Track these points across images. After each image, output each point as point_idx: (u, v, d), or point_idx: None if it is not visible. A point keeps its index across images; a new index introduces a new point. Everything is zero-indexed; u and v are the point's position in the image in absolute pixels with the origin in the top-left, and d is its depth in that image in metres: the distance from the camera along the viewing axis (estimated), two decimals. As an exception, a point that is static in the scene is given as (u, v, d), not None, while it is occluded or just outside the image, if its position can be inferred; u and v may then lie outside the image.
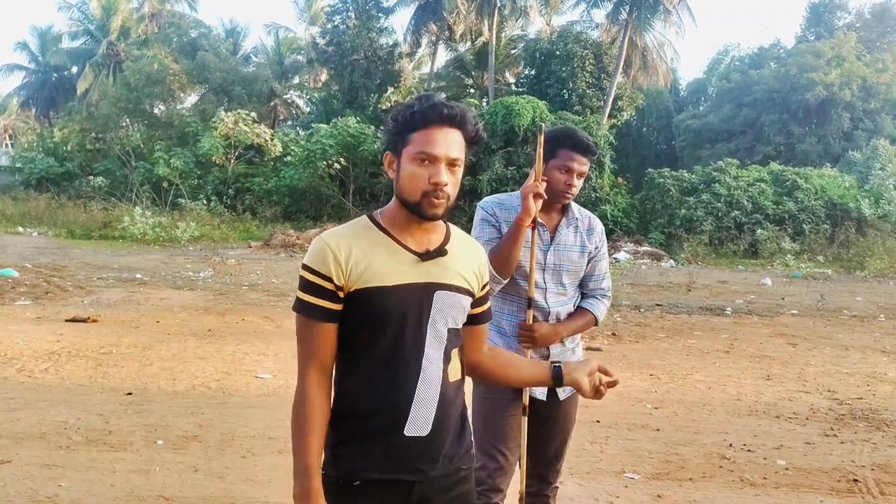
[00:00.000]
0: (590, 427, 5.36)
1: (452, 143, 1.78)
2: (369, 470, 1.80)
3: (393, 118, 1.83)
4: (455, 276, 1.87)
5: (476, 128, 1.82)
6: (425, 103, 1.78)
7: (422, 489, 1.83)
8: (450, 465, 1.88)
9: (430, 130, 1.76)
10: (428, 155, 1.76)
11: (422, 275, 1.82)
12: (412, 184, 1.78)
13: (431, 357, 1.83)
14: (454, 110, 1.78)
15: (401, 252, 1.82)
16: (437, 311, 1.83)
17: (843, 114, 29.99)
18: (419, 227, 1.84)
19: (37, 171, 29.09)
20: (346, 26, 31.14)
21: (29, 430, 4.98)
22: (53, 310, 9.66)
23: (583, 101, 28.66)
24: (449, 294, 1.85)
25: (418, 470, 1.81)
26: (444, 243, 1.88)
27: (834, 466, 4.80)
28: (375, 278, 1.78)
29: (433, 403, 1.82)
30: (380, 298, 1.78)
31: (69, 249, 17.96)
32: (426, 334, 1.82)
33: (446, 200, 1.78)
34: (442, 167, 1.76)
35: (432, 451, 1.83)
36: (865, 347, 9.08)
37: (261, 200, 26.00)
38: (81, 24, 39.48)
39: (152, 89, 29.36)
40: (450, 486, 1.88)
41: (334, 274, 1.78)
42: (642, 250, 21.79)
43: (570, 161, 2.82)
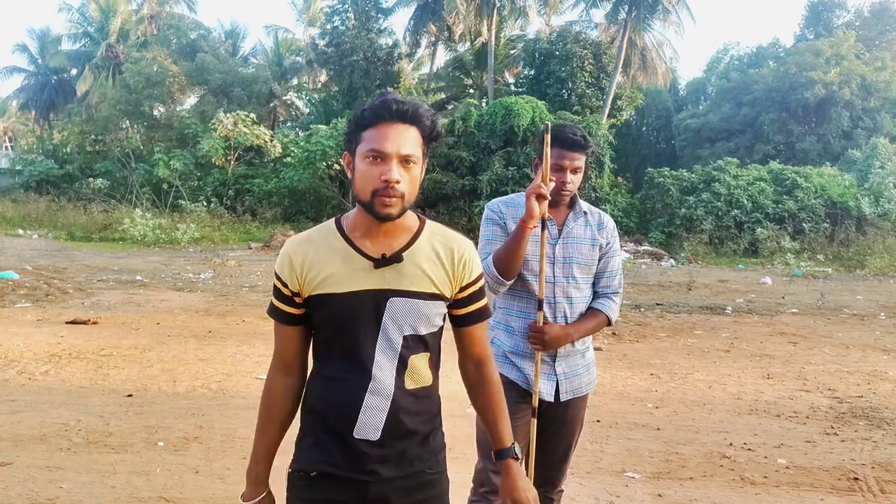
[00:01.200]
0: (590, 426, 5.35)
1: (405, 139, 1.73)
2: (325, 463, 1.83)
3: (349, 120, 1.81)
4: (414, 281, 1.81)
5: (432, 123, 1.78)
6: (377, 100, 1.75)
7: (378, 488, 1.82)
8: (410, 468, 1.85)
9: (380, 127, 1.72)
10: (378, 152, 1.71)
11: (376, 281, 1.78)
12: (364, 183, 1.74)
13: (382, 365, 1.79)
14: (405, 106, 1.73)
15: (356, 258, 1.79)
16: (390, 319, 1.80)
17: (842, 112, 29.98)
18: (381, 229, 1.80)
19: (37, 174, 29.09)
20: (345, 27, 31.15)
21: (30, 432, 4.98)
22: (54, 312, 9.66)
23: (582, 100, 28.66)
24: (405, 301, 1.80)
25: (370, 471, 1.81)
26: (405, 247, 1.82)
27: (834, 465, 4.80)
28: (328, 285, 1.79)
29: (383, 411, 1.79)
30: (332, 305, 1.79)
31: (69, 251, 17.97)
32: (377, 341, 1.79)
33: (400, 199, 1.73)
34: (393, 164, 1.71)
35: (385, 455, 1.81)
36: (866, 346, 9.08)
37: (261, 202, 26.00)
38: (81, 27, 39.47)
39: (152, 91, 29.35)
40: (413, 489, 1.85)
41: (289, 280, 1.82)
42: (642, 250, 21.80)
43: (560, 159, 2.82)
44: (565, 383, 2.87)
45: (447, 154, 23.78)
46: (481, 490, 2.86)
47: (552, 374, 2.85)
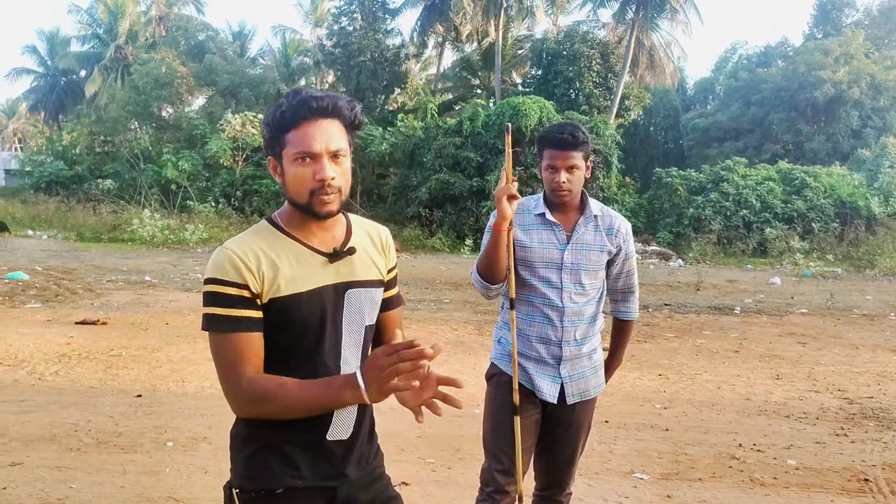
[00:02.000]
0: (598, 427, 5.34)
1: (330, 134, 1.69)
2: (293, 478, 1.74)
3: (265, 122, 1.74)
4: (365, 270, 1.82)
5: (353, 113, 1.74)
6: (293, 100, 1.69)
7: (344, 490, 1.80)
8: (367, 466, 1.86)
9: (303, 127, 1.67)
10: (307, 153, 1.67)
11: (332, 276, 1.76)
12: (298, 185, 1.70)
13: (348, 359, 1.78)
14: (324, 101, 1.69)
15: (308, 255, 1.75)
16: (352, 311, 1.79)
17: (851, 112, 29.84)
18: (319, 225, 1.77)
19: (46, 175, 29.25)
20: (352, 28, 31.20)
21: (40, 432, 5.00)
22: (63, 312, 9.71)
23: (590, 100, 28.63)
24: (361, 291, 1.80)
25: (340, 475, 1.79)
26: (347, 238, 1.82)
27: (844, 466, 4.78)
28: (286, 286, 1.70)
29: (354, 406, 1.77)
30: (294, 306, 1.70)
31: (78, 252, 18.05)
32: (342, 336, 1.78)
33: (338, 194, 1.71)
34: (325, 162, 1.67)
35: (352, 454, 1.81)
36: (876, 346, 9.03)
37: (269, 202, 26.04)
38: (89, 28, 39.67)
39: (160, 92, 29.48)
40: (370, 484, 1.87)
41: (249, 281, 1.68)
42: (650, 250, 21.75)
43: (552, 159, 2.81)
44: (571, 386, 2.86)
45: (455, 155, 23.79)
46: (487, 490, 2.86)
47: (556, 376, 2.85)
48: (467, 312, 10.87)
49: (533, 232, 2.86)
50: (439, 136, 24.50)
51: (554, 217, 2.86)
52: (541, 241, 2.84)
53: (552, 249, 2.83)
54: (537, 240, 2.84)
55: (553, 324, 2.82)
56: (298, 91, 1.72)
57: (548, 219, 2.85)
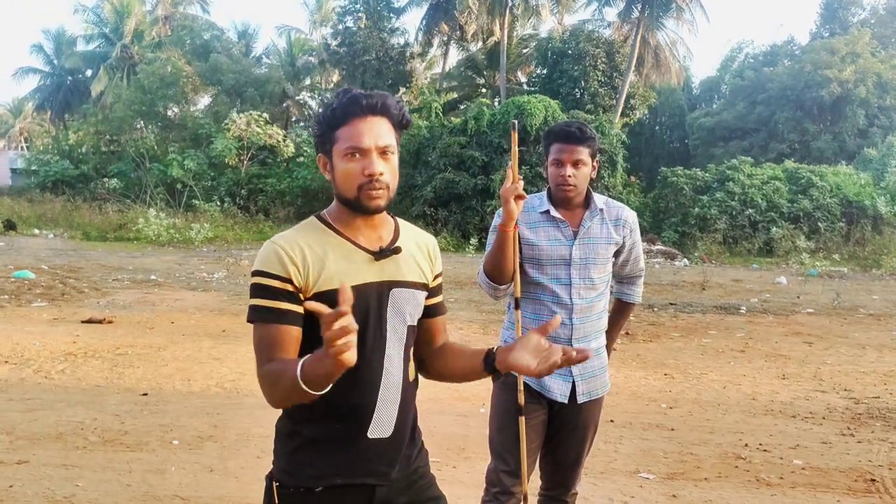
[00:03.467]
0: (604, 427, 5.32)
1: (380, 131, 1.73)
2: (333, 475, 1.75)
3: (317, 121, 1.80)
4: (409, 271, 1.84)
5: (401, 112, 1.78)
6: (344, 97, 1.74)
7: (384, 492, 1.80)
8: (408, 467, 1.86)
9: (354, 123, 1.72)
10: (357, 148, 1.71)
11: (377, 273, 1.78)
12: (347, 180, 1.73)
13: (392, 357, 1.79)
14: (373, 98, 1.73)
15: (355, 251, 1.77)
16: (396, 310, 1.80)
17: (857, 111, 29.73)
18: (366, 223, 1.80)
19: (52, 174, 29.34)
20: (357, 27, 31.22)
21: (46, 430, 5.02)
22: (69, 311, 9.74)
23: (595, 99, 28.59)
24: (405, 291, 1.82)
25: (380, 472, 1.79)
26: (394, 239, 1.84)
27: (851, 466, 4.77)
28: (331, 281, 1.71)
29: (395, 404, 1.79)
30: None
31: (84, 251, 18.10)
32: (387, 334, 1.79)
33: (386, 190, 1.74)
34: (374, 157, 1.71)
35: (393, 453, 1.80)
36: (882, 346, 9.00)
37: (274, 201, 26.11)
38: (95, 28, 39.77)
39: (166, 91, 29.54)
40: (410, 485, 1.87)
41: (293, 276, 1.70)
42: (656, 249, 21.71)
43: (558, 153, 2.81)
44: (582, 385, 2.85)
45: (460, 154, 23.78)
46: (493, 490, 2.86)
47: (568, 374, 2.83)
48: (472, 312, 10.87)
49: (540, 229, 2.85)
50: (444, 135, 24.49)
51: (559, 214, 2.85)
52: (548, 239, 2.84)
53: (560, 246, 2.83)
54: (545, 237, 2.84)
55: (562, 322, 2.80)
56: (349, 90, 1.76)
57: (553, 216, 2.85)
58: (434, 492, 1.94)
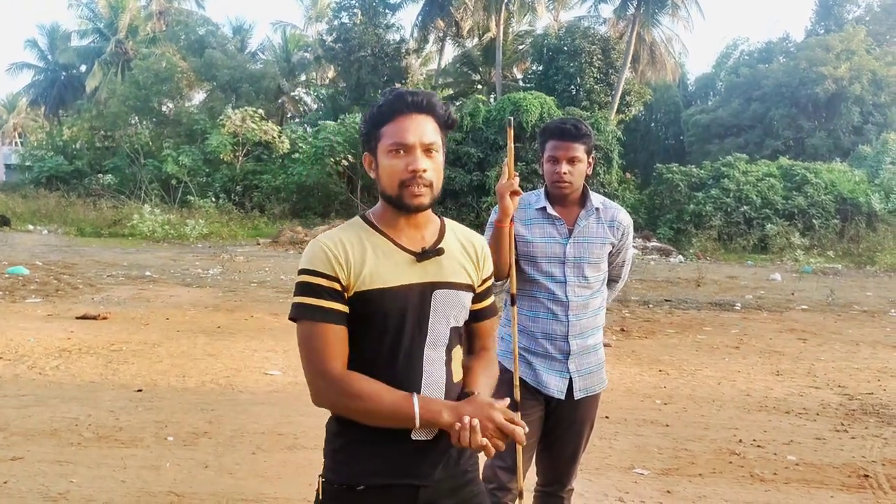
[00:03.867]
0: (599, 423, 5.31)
1: (424, 128, 1.74)
2: (375, 475, 1.75)
3: (363, 120, 1.81)
4: (453, 272, 1.82)
5: (447, 111, 1.79)
6: (390, 95, 1.76)
7: (428, 493, 1.78)
8: (456, 468, 1.83)
9: (399, 121, 1.73)
10: (401, 144, 1.72)
11: (420, 274, 1.77)
12: (391, 176, 1.74)
13: (433, 358, 1.79)
14: (419, 97, 1.74)
15: (397, 252, 1.77)
16: (438, 311, 1.79)
17: (852, 108, 29.81)
18: (409, 223, 1.80)
19: (46, 170, 29.25)
20: (352, 23, 31.16)
21: (40, 426, 5.01)
22: (64, 307, 9.71)
23: (591, 96, 28.61)
24: (448, 292, 1.81)
25: (424, 474, 1.77)
26: (438, 240, 1.83)
27: (844, 462, 4.78)
28: (373, 280, 1.73)
29: None
30: (379, 301, 1.73)
31: (79, 247, 18.05)
32: (427, 335, 1.78)
33: (429, 188, 1.74)
34: (418, 154, 1.72)
35: (437, 455, 1.78)
36: (876, 342, 9.03)
37: (269, 197, 26.07)
38: (90, 23, 39.63)
39: (160, 87, 29.46)
40: (457, 489, 1.84)
41: (340, 274, 1.72)
42: (651, 246, 21.74)
43: (554, 150, 2.81)
44: (579, 381, 2.85)
45: (455, 150, 23.78)
46: (490, 486, 2.85)
47: (565, 371, 2.84)
48: (468, 308, 10.86)
49: (534, 226, 2.85)
50: (440, 131, 24.47)
51: (555, 211, 2.85)
52: (543, 236, 2.84)
53: (554, 244, 2.83)
54: (539, 234, 2.84)
55: (558, 318, 2.81)
56: (396, 88, 1.77)
57: (549, 213, 2.85)
58: (481, 500, 1.90)
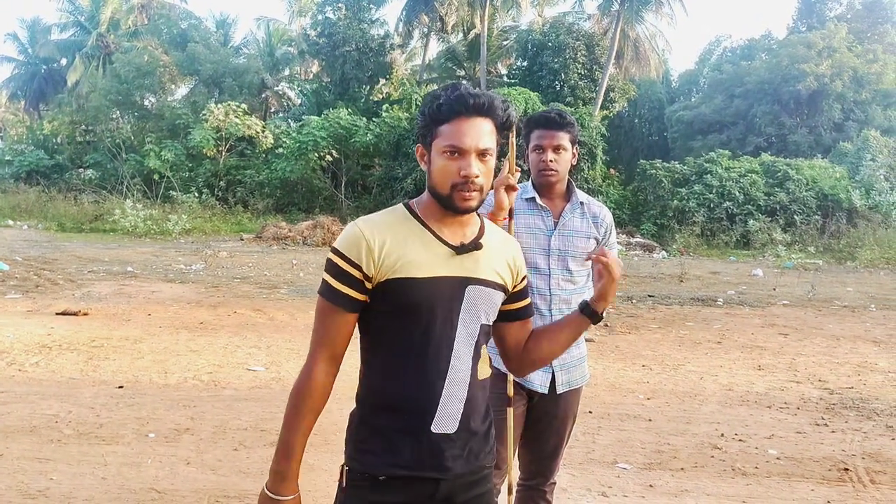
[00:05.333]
0: (582, 418, 5.34)
1: (482, 133, 1.74)
2: (396, 466, 1.76)
3: (421, 111, 1.80)
4: (489, 270, 1.83)
5: (506, 113, 1.78)
6: (451, 94, 1.74)
7: (447, 486, 1.79)
8: (475, 463, 1.84)
9: (457, 122, 1.73)
10: (457, 148, 1.72)
11: (456, 268, 1.78)
12: (443, 177, 1.74)
13: (460, 353, 1.79)
14: (481, 99, 1.74)
15: (436, 244, 1.78)
16: (469, 307, 1.80)
17: (834, 105, 30.06)
18: (454, 219, 1.81)
19: (26, 164, 28.91)
20: (336, 18, 31.01)
21: (19, 423, 4.96)
22: (44, 303, 9.61)
23: (575, 92, 28.65)
24: (482, 289, 1.81)
25: (445, 467, 1.77)
26: (478, 236, 1.84)
27: (825, 455, 4.83)
28: (408, 269, 1.74)
29: (461, 400, 1.79)
30: (411, 290, 1.74)
31: (59, 242, 17.88)
32: (457, 329, 1.78)
33: (479, 192, 1.75)
34: (472, 159, 1.72)
35: (458, 449, 1.79)
36: (856, 337, 9.12)
37: (252, 193, 25.92)
38: (71, 16, 39.16)
39: (142, 81, 29.17)
40: (473, 484, 1.85)
41: (364, 263, 1.74)
42: (634, 241, 21.84)
43: (539, 139, 2.83)
44: (561, 375, 2.86)
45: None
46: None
47: (548, 366, 2.84)
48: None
49: (520, 216, 2.85)
50: (424, 127, 24.43)
51: (542, 202, 2.86)
52: (528, 226, 2.84)
53: (539, 235, 2.84)
54: (524, 224, 2.84)
55: (541, 313, 2.81)
56: (458, 86, 1.76)
57: (538, 203, 2.85)
58: (488, 498, 1.91)
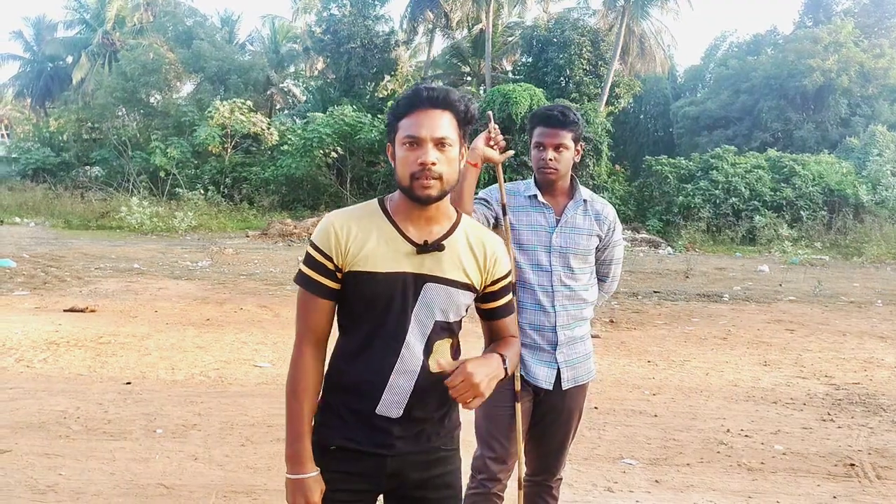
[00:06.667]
0: (588, 413, 5.36)
1: (438, 123, 1.81)
2: (345, 439, 1.89)
3: (388, 112, 1.91)
4: (451, 269, 1.89)
5: (466, 106, 1.86)
6: (410, 90, 1.86)
7: (396, 463, 1.89)
8: (427, 444, 1.92)
9: (414, 114, 1.82)
10: (414, 137, 1.80)
11: (415, 265, 1.86)
12: (403, 168, 1.82)
13: (411, 346, 1.87)
14: (436, 92, 1.82)
15: (399, 241, 1.86)
16: (425, 303, 1.87)
17: (840, 100, 29.91)
18: (422, 214, 1.87)
19: (33, 162, 29.00)
20: (341, 14, 31.00)
21: (28, 419, 4.99)
22: (51, 300, 9.65)
23: (580, 88, 28.57)
24: (440, 287, 1.88)
25: (389, 445, 1.88)
26: (446, 236, 1.89)
27: (831, 451, 4.83)
28: (368, 262, 1.84)
29: (407, 390, 1.86)
30: (368, 283, 1.84)
31: (66, 240, 17.93)
32: (410, 324, 1.86)
33: (438, 181, 1.80)
34: (428, 147, 1.79)
35: (403, 431, 1.88)
36: (862, 333, 9.10)
37: (258, 190, 25.94)
38: (76, 14, 39.25)
39: (148, 78, 29.22)
40: (428, 464, 1.93)
41: (334, 254, 1.85)
42: (640, 237, 21.79)
43: (540, 137, 2.83)
44: (567, 371, 2.86)
45: (445, 142, 23.71)
46: (479, 477, 2.87)
47: (553, 362, 2.84)
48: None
49: (522, 213, 2.86)
50: (429, 123, 24.40)
51: (544, 199, 2.86)
52: (530, 223, 2.84)
53: (541, 231, 2.83)
54: (526, 221, 2.85)
55: (545, 310, 2.81)
56: (417, 84, 1.91)
57: (539, 200, 2.85)
58: (449, 480, 1.99)
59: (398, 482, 1.91)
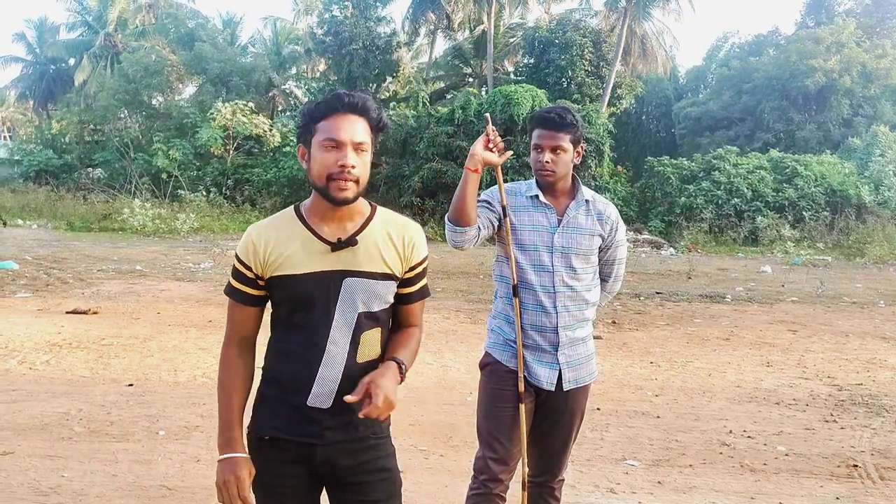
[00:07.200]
0: (590, 414, 5.36)
1: (357, 128, 1.91)
2: (276, 429, 2.01)
3: (301, 113, 1.99)
4: (369, 262, 1.98)
5: (379, 115, 1.96)
6: (329, 95, 1.94)
7: (326, 451, 1.99)
8: (355, 433, 2.01)
9: (334, 118, 1.90)
10: (334, 140, 1.89)
11: (332, 263, 1.96)
12: (320, 169, 1.90)
13: (337, 340, 1.97)
14: (355, 98, 1.92)
15: (313, 242, 1.96)
16: (346, 298, 1.97)
17: (842, 100, 29.86)
18: (335, 214, 1.97)
19: (35, 164, 29.02)
20: (343, 16, 31.02)
21: (31, 421, 4.99)
22: (54, 302, 9.67)
23: (582, 89, 28.56)
24: (359, 280, 1.97)
25: (319, 434, 1.98)
26: (359, 231, 1.98)
27: (834, 452, 4.82)
28: (288, 266, 1.96)
29: (335, 382, 1.97)
30: (291, 285, 1.96)
31: (69, 241, 17.95)
32: (333, 319, 1.97)
33: (355, 184, 1.91)
34: (348, 150, 1.89)
35: (333, 420, 1.98)
36: (865, 334, 9.09)
37: (260, 191, 25.95)
38: (78, 16, 39.27)
39: (150, 80, 29.23)
40: (357, 451, 2.02)
41: (253, 264, 1.98)
42: (642, 238, 21.78)
43: (538, 139, 2.84)
44: (568, 372, 2.86)
45: (447, 143, 23.73)
46: (481, 478, 2.87)
47: (554, 363, 2.84)
48: (459, 301, 10.89)
49: (524, 214, 2.86)
50: (431, 124, 24.42)
51: (546, 199, 2.86)
52: (531, 224, 2.84)
53: (543, 232, 2.83)
54: (528, 222, 2.85)
55: (546, 310, 2.81)
56: (334, 89, 1.92)
57: (541, 201, 2.85)
58: (382, 463, 2.07)
59: (330, 469, 2.01)
